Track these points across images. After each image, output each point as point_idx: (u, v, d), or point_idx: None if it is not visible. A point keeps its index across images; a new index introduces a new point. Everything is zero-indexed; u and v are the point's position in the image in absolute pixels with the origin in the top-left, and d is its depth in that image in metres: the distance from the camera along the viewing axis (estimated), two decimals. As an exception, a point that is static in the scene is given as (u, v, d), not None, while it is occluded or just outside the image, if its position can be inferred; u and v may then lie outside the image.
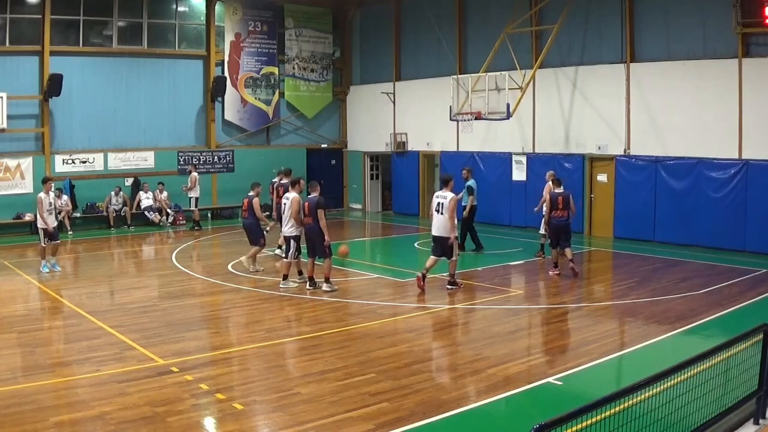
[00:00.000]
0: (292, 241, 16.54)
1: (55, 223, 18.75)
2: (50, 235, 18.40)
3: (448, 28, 29.63)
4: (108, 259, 21.68)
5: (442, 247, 16.28)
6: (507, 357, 11.32)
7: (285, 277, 16.53)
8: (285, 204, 16.79)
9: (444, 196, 16.35)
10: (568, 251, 17.85)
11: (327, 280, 16.02)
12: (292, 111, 33.09)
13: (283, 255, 17.60)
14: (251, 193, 18.44)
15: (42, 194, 18.20)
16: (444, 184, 16.84)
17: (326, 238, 15.85)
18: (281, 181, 20.02)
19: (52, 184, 18.77)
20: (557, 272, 18.02)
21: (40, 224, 18.37)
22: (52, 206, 18.48)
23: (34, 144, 26.81)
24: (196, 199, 27.77)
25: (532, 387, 9.91)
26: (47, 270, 18.45)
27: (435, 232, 16.44)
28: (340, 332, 12.82)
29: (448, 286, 16.35)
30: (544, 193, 19.70)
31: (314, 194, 16.13)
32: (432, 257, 16.53)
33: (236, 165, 31.32)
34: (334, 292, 15.81)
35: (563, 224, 17.92)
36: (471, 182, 21.19)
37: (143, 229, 27.24)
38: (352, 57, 34.95)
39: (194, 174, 28.01)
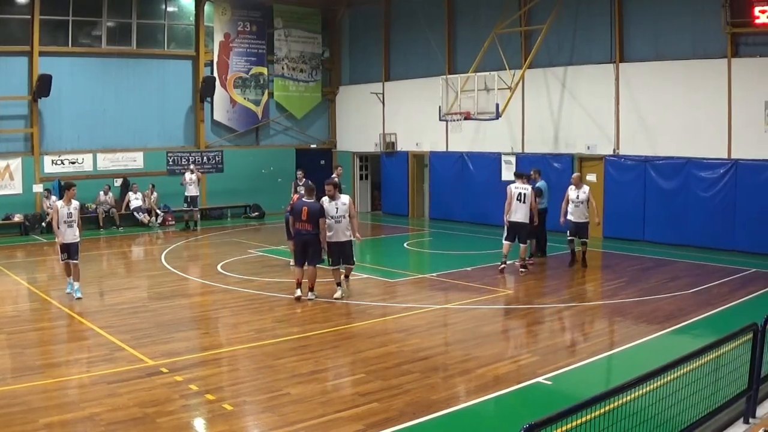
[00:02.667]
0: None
1: (75, 239, 15.63)
2: (67, 251, 15.56)
3: (438, 28, 29.65)
4: (97, 260, 21.61)
5: (520, 232, 18.24)
6: (496, 357, 11.34)
7: (339, 284, 15.67)
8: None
9: (525, 188, 18.20)
10: (522, 248, 18.68)
11: (312, 289, 15.29)
12: (281, 111, 33.09)
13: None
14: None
15: (60, 202, 15.72)
16: (519, 177, 18.58)
17: (325, 244, 15.30)
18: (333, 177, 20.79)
19: (75, 191, 15.91)
20: (530, 263, 19.06)
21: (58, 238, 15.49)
22: (72, 218, 15.55)
23: (23, 144, 26.74)
24: (197, 198, 27.73)
25: (521, 387, 9.93)
26: (69, 290, 15.79)
27: (515, 218, 18.15)
28: (329, 332, 12.82)
29: (522, 270, 18.27)
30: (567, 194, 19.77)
31: (312, 199, 15.27)
32: (507, 243, 18.35)
33: (225, 165, 31.32)
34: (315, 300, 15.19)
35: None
36: (541, 183, 20.54)
37: (132, 230, 27.19)
38: (342, 57, 34.95)
39: (198, 174, 27.91)
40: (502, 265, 18.27)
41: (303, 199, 15.43)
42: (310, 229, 15.01)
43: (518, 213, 18.12)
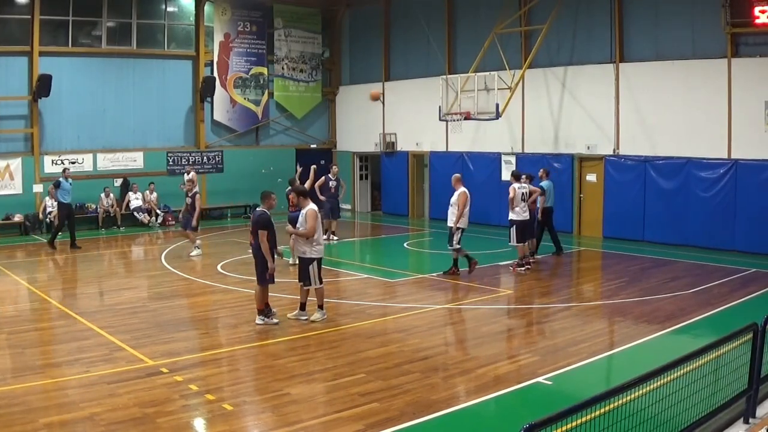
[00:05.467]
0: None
1: None
2: None
3: (438, 28, 29.66)
4: (98, 260, 21.60)
5: (527, 230, 18.63)
6: (497, 357, 11.34)
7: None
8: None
9: (525, 186, 18.67)
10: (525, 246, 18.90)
11: (261, 312, 13.41)
12: (281, 111, 33.09)
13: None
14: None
15: None
16: (517, 178, 18.77)
17: (270, 264, 13.10)
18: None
19: None
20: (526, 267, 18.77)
21: None
22: None
23: (23, 145, 26.72)
24: None
25: (521, 387, 9.93)
26: None
27: (524, 217, 18.46)
28: (329, 332, 12.81)
29: (527, 267, 18.57)
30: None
31: (261, 207, 13.36)
32: (521, 245, 18.52)
33: (225, 165, 31.29)
34: (275, 325, 13.28)
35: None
36: (544, 183, 20.85)
37: (132, 230, 27.18)
38: (342, 57, 34.95)
39: (194, 173, 28.04)
40: (527, 266, 18.56)
41: (257, 208, 13.65)
42: (252, 242, 13.40)
43: (526, 212, 18.49)
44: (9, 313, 14.37)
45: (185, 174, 27.84)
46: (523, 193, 18.40)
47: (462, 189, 17.66)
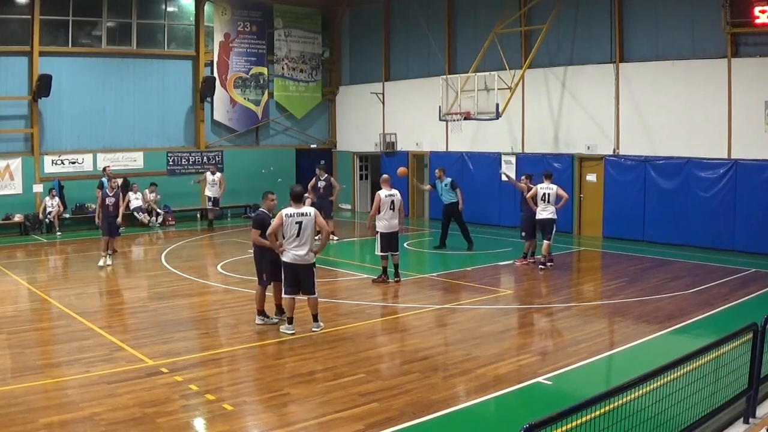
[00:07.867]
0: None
1: None
2: None
3: (438, 28, 29.66)
4: (98, 260, 21.57)
5: (548, 227, 18.59)
6: (497, 357, 11.32)
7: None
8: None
9: (550, 187, 18.71)
10: (546, 245, 18.86)
11: (260, 312, 13.31)
12: (281, 111, 33.08)
13: None
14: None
15: None
16: (547, 177, 18.98)
17: (276, 249, 12.72)
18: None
19: None
20: (526, 263, 19.18)
21: None
22: None
23: (23, 145, 26.73)
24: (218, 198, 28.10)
25: (522, 387, 9.92)
26: None
27: (542, 216, 18.60)
28: (329, 332, 12.79)
29: (549, 264, 18.70)
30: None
31: (261, 208, 13.37)
32: (528, 243, 19.33)
33: (225, 165, 31.25)
34: (273, 324, 13.20)
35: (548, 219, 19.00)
36: (447, 180, 21.96)
37: (132, 230, 27.16)
38: (342, 57, 34.96)
39: (219, 174, 28.10)
40: (526, 262, 19.05)
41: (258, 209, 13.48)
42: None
43: (545, 211, 18.56)
44: (9, 313, 14.37)
45: (209, 174, 27.88)
46: (545, 194, 18.54)
47: (379, 191, 17.36)
